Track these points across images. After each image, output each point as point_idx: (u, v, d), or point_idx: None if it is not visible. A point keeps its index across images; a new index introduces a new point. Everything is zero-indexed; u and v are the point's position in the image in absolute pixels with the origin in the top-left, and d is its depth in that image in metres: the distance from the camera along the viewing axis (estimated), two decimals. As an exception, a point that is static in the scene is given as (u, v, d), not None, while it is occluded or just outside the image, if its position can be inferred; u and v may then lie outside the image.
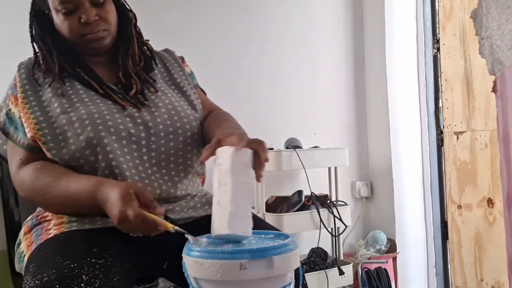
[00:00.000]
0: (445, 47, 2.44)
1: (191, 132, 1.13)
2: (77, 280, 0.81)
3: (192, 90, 1.24)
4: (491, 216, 2.37)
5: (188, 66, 1.32)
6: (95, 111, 1.05)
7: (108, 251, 0.93)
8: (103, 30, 1.11)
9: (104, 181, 0.97)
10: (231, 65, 2.25)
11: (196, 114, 1.17)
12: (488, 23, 0.73)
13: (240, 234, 0.81)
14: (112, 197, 0.90)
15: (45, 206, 1.08)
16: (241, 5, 2.30)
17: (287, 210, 2.09)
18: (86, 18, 1.07)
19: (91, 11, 1.08)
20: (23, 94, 1.08)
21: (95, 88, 1.10)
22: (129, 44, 1.18)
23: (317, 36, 2.49)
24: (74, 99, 1.08)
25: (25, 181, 1.05)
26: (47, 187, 1.01)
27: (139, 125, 1.08)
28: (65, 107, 1.06)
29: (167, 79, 1.23)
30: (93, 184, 0.97)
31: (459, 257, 2.42)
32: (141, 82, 1.15)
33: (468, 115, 2.41)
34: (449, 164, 2.44)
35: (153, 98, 1.14)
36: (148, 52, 1.23)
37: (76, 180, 1.00)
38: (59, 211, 1.05)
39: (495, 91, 0.73)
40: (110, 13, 1.12)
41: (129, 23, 1.20)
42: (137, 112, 1.09)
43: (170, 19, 2.13)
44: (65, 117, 1.04)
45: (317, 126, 2.46)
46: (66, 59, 1.12)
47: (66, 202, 1.00)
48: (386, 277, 2.20)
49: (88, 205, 0.97)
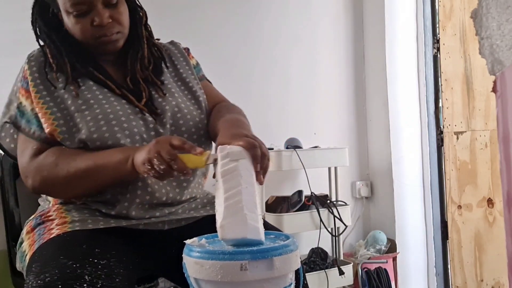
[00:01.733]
0: (445, 47, 2.44)
1: (196, 134, 1.12)
2: (80, 281, 0.81)
3: (198, 85, 1.21)
4: (491, 216, 2.37)
5: (193, 58, 1.29)
6: (110, 111, 1.04)
7: (111, 252, 0.93)
8: (117, 33, 1.07)
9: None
10: (231, 65, 2.25)
11: (202, 115, 1.15)
12: (488, 23, 0.73)
13: (253, 238, 0.80)
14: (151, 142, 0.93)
15: (65, 182, 1.01)
16: (242, 6, 2.30)
17: (287, 210, 2.09)
18: (99, 21, 1.03)
19: (104, 13, 1.04)
20: (36, 88, 1.06)
21: (111, 88, 1.08)
22: (139, 47, 1.14)
23: (317, 36, 2.49)
24: (88, 96, 1.06)
25: (46, 160, 1.02)
26: (74, 156, 1.00)
27: (150, 131, 1.07)
28: (79, 104, 1.04)
29: (173, 75, 1.21)
30: (126, 147, 1.00)
31: (459, 257, 2.42)
32: (148, 86, 1.12)
33: (468, 115, 2.41)
34: (449, 164, 2.44)
35: (160, 100, 1.12)
36: (157, 53, 1.20)
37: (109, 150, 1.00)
38: (78, 187, 1.03)
39: (495, 91, 0.73)
40: (123, 14, 1.08)
41: (140, 22, 1.16)
42: (149, 116, 1.08)
43: (170, 19, 2.13)
44: (80, 115, 1.03)
45: (317, 126, 2.46)
46: (77, 58, 1.09)
47: (91, 169, 0.98)
48: (386, 277, 2.20)
49: (117, 162, 0.96)
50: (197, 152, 0.88)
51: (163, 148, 0.88)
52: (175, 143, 0.89)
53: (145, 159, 0.89)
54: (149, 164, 0.89)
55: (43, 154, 1.04)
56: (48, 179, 1.02)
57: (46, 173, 1.02)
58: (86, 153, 1.01)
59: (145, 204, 1.04)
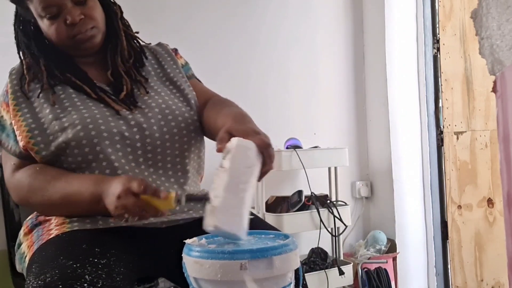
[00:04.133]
0: (445, 47, 2.44)
1: (187, 130, 1.11)
2: (80, 281, 0.81)
3: (187, 84, 1.21)
4: (491, 216, 2.37)
5: (182, 58, 1.29)
6: (87, 115, 1.04)
7: (111, 251, 0.93)
8: (91, 28, 1.09)
9: (107, 177, 0.98)
10: (231, 65, 2.25)
11: (191, 112, 1.15)
12: (488, 23, 0.73)
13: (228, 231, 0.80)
14: (114, 182, 0.91)
15: (41, 207, 1.06)
16: (242, 6, 2.30)
17: (287, 210, 2.09)
18: (71, 19, 1.05)
19: (75, 11, 1.06)
20: (15, 101, 1.07)
21: (87, 92, 1.09)
22: (117, 40, 1.16)
23: (317, 36, 2.49)
24: (66, 103, 1.06)
25: (22, 182, 1.04)
26: (46, 184, 1.01)
27: (133, 127, 1.06)
28: (57, 113, 1.05)
29: (160, 75, 1.21)
30: (96, 178, 0.98)
31: (459, 257, 2.42)
32: (132, 82, 1.13)
33: (468, 115, 2.41)
34: (449, 164, 2.44)
35: (145, 98, 1.12)
36: (136, 45, 1.21)
37: (78, 177, 1.00)
38: (56, 212, 1.04)
39: (495, 91, 0.73)
40: (94, 9, 1.10)
41: (115, 16, 1.17)
42: (130, 114, 1.07)
43: (170, 19, 2.13)
44: (57, 123, 1.03)
45: (317, 126, 2.46)
46: (56, 64, 1.11)
47: (65, 200, 0.99)
48: (386, 277, 2.20)
49: (89, 201, 0.96)
50: (162, 197, 0.87)
51: (128, 202, 0.87)
52: (136, 189, 0.87)
53: (115, 215, 0.89)
54: (121, 217, 0.89)
55: (20, 172, 1.06)
56: (26, 201, 1.05)
57: (24, 194, 1.04)
58: (57, 179, 1.00)
59: None
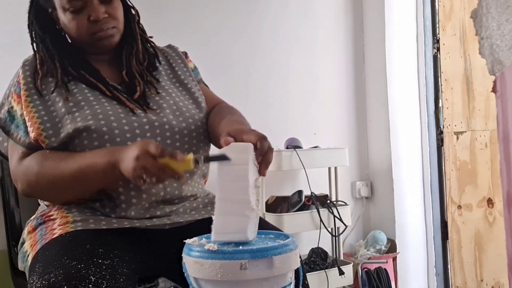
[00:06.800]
0: (445, 47, 2.44)
1: (196, 132, 1.12)
2: (85, 281, 0.82)
3: (197, 87, 1.23)
4: (491, 216, 2.37)
5: (191, 62, 1.31)
6: (100, 111, 1.04)
7: (114, 251, 0.93)
8: (112, 28, 1.10)
9: (122, 146, 0.98)
10: (231, 65, 2.25)
11: (201, 114, 1.16)
12: (488, 23, 0.73)
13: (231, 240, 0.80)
14: (131, 147, 0.91)
15: (51, 190, 1.04)
16: (242, 6, 2.30)
17: (287, 210, 2.09)
18: (95, 16, 1.06)
19: (100, 8, 1.07)
20: (27, 92, 1.07)
21: (102, 90, 1.09)
22: (134, 42, 1.17)
23: (317, 36, 2.49)
24: (79, 98, 1.07)
25: (31, 165, 1.03)
26: (58, 161, 0.99)
27: (144, 125, 1.06)
28: (70, 106, 1.05)
29: (171, 77, 1.23)
30: (111, 148, 0.98)
31: (459, 257, 2.42)
32: (144, 83, 1.14)
33: (468, 115, 2.41)
34: (449, 164, 2.44)
35: (157, 99, 1.13)
36: (151, 50, 1.23)
37: (91, 151, 1.00)
38: (66, 193, 1.03)
39: (495, 91, 0.73)
40: (118, 9, 1.11)
41: (133, 20, 1.19)
42: (143, 112, 1.08)
43: (170, 19, 2.13)
44: (70, 117, 1.03)
45: (317, 126, 2.46)
46: (69, 61, 1.11)
47: (79, 175, 0.97)
48: (386, 277, 2.20)
49: (104, 171, 0.95)
50: (179, 159, 0.87)
51: (147, 162, 0.87)
52: (154, 152, 0.87)
53: (134, 177, 0.88)
54: (140, 179, 0.88)
55: (29, 158, 1.04)
56: (36, 183, 1.02)
57: (33, 177, 1.02)
58: (70, 156, 1.00)
59: (143, 203, 1.05)
